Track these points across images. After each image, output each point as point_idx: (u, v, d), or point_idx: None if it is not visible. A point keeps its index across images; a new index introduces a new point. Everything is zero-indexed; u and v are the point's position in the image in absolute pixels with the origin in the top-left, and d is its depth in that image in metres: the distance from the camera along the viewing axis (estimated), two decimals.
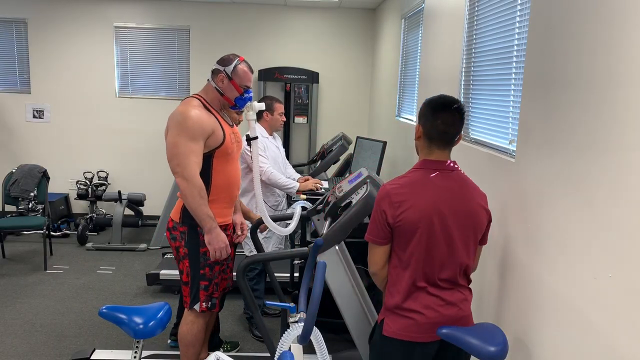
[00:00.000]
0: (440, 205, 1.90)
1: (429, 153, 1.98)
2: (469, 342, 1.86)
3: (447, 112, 1.93)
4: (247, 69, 2.69)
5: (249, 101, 2.68)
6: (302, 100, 6.71)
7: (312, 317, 1.76)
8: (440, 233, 1.90)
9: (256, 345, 3.69)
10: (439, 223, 1.89)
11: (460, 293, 1.99)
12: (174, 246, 2.73)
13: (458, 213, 1.92)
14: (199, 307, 2.72)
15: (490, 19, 2.59)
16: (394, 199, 1.90)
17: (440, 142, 1.95)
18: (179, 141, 2.51)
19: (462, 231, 1.93)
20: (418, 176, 1.96)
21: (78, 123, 6.63)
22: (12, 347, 3.57)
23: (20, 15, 6.44)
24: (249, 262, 2.54)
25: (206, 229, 2.58)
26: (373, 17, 6.66)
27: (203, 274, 2.69)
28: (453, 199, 1.92)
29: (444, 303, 1.94)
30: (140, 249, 5.72)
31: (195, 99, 2.65)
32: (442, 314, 1.93)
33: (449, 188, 1.93)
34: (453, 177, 1.96)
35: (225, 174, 2.68)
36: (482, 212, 1.98)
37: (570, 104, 1.71)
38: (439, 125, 1.93)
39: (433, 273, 1.93)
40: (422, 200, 1.90)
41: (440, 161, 1.96)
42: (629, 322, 1.38)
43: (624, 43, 1.43)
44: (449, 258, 1.93)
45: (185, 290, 2.76)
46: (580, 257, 1.62)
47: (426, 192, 1.91)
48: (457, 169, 1.99)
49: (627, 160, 1.40)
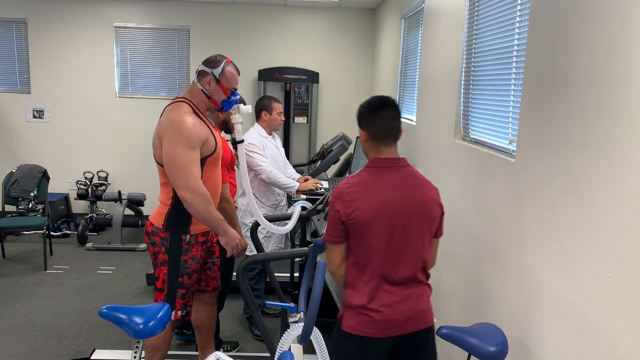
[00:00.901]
0: (392, 202, 1.96)
1: (378, 152, 2.04)
2: (469, 342, 1.86)
3: (386, 108, 2.02)
4: (235, 70, 2.62)
5: (236, 104, 2.62)
6: (302, 100, 6.71)
7: (312, 317, 1.76)
8: (394, 229, 1.95)
9: (256, 345, 3.69)
10: (392, 219, 1.95)
11: (418, 289, 2.03)
12: (152, 251, 2.65)
13: (410, 208, 1.97)
14: (174, 316, 2.62)
15: (490, 19, 2.59)
16: (346, 198, 1.96)
17: (387, 138, 2.02)
18: (179, 152, 2.44)
19: (416, 226, 1.98)
20: (370, 174, 2.02)
21: (78, 123, 6.62)
22: (12, 347, 3.57)
23: (20, 15, 6.44)
24: (249, 262, 2.54)
25: (221, 231, 2.56)
26: (373, 17, 6.66)
27: (181, 282, 2.62)
28: (405, 195, 1.98)
29: (401, 300, 1.98)
30: (140, 249, 5.72)
31: (184, 104, 2.55)
32: (399, 311, 1.97)
33: (401, 184, 2.00)
34: (404, 173, 2.03)
35: (212, 180, 2.63)
36: (434, 205, 2.04)
37: (570, 104, 1.71)
38: (382, 123, 2.01)
39: (389, 270, 1.97)
40: (374, 198, 1.95)
41: (391, 158, 2.03)
42: (629, 322, 1.38)
43: (624, 43, 1.43)
44: (405, 254, 1.98)
45: (159, 297, 2.65)
46: (580, 257, 1.62)
47: (378, 190, 1.97)
48: (407, 165, 2.06)
49: (627, 160, 1.40)
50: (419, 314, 2.00)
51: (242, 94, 3.07)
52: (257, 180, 3.78)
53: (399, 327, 1.98)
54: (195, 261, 2.64)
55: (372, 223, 1.93)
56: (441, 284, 3.06)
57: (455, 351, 2.64)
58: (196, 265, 2.66)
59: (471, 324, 2.10)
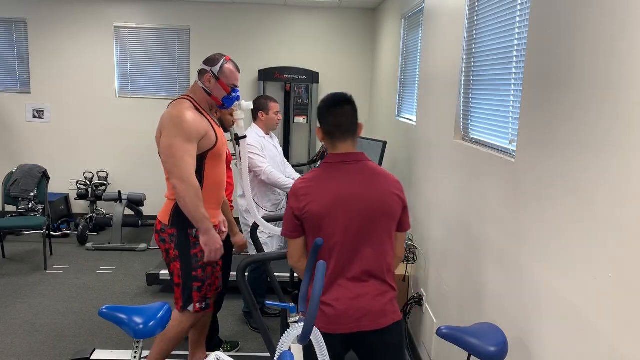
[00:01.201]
0: (344, 196, 1.98)
1: (333, 148, 2.09)
2: (468, 342, 1.86)
3: (339, 105, 2.08)
4: (234, 68, 2.67)
5: (237, 100, 2.68)
6: (302, 100, 6.71)
7: (312, 317, 1.76)
8: (349, 223, 1.97)
9: (256, 345, 3.69)
10: (345, 213, 1.97)
11: (376, 288, 2.01)
12: (164, 248, 2.70)
13: (364, 202, 1.98)
14: (193, 308, 2.70)
15: (490, 19, 2.59)
16: (299, 193, 2.02)
17: (339, 134, 2.06)
18: (175, 143, 2.50)
19: (371, 220, 1.99)
20: (324, 170, 2.07)
21: (78, 123, 6.63)
22: (12, 347, 3.57)
23: (20, 15, 6.44)
24: (249, 262, 2.54)
25: (203, 229, 2.57)
26: (373, 17, 6.66)
27: (195, 275, 2.67)
28: (359, 189, 2.00)
29: (355, 296, 1.98)
30: (140, 249, 5.73)
31: (186, 101, 2.63)
32: (350, 307, 1.96)
33: (354, 179, 2.02)
34: (359, 168, 2.05)
35: (214, 175, 2.68)
36: (393, 199, 2.03)
37: (570, 103, 1.71)
38: (334, 120, 2.06)
39: (344, 264, 1.97)
40: (325, 193, 1.99)
41: (345, 153, 2.06)
42: (629, 322, 1.38)
43: (625, 43, 1.43)
44: (361, 249, 1.98)
45: (177, 292, 2.73)
46: (580, 257, 1.62)
47: (330, 185, 2.01)
48: (364, 160, 2.08)
49: (628, 160, 1.40)
50: (373, 314, 1.98)
51: (242, 94, 3.08)
52: (257, 180, 3.78)
53: (349, 324, 1.97)
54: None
55: (324, 217, 1.97)
56: (441, 284, 3.06)
57: (455, 351, 2.64)
58: None
59: (471, 324, 2.10)
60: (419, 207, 3.68)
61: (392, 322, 2.03)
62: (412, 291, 3.68)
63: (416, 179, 3.82)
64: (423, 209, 3.57)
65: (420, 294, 3.45)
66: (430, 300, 3.28)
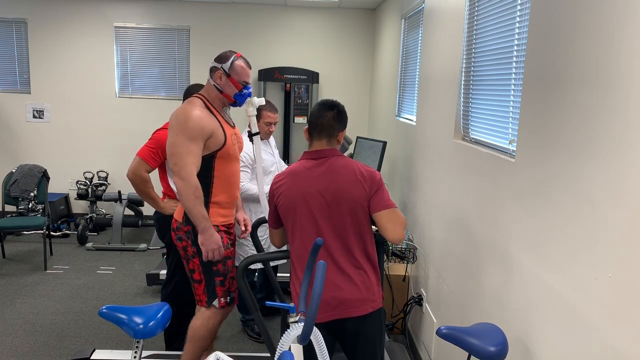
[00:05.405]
0: (311, 189, 2.14)
1: (310, 146, 2.27)
2: (468, 342, 1.86)
3: (322, 109, 2.23)
4: (245, 64, 2.67)
5: (249, 97, 2.69)
6: (302, 100, 6.71)
7: (312, 317, 1.76)
8: (318, 215, 2.12)
9: (256, 346, 3.69)
10: (312, 205, 2.13)
11: (353, 276, 2.11)
12: (181, 246, 2.71)
13: (329, 194, 2.13)
14: (218, 303, 2.71)
15: (490, 19, 2.59)
16: (273, 187, 2.25)
17: (316, 133, 2.23)
18: (178, 141, 2.51)
19: (337, 211, 2.12)
20: (297, 165, 2.23)
21: (78, 123, 6.63)
22: (12, 347, 3.57)
23: (20, 15, 6.44)
24: (249, 262, 2.54)
25: (200, 229, 2.57)
26: (373, 17, 6.66)
27: (217, 270, 2.69)
28: (325, 183, 2.14)
29: (333, 285, 2.09)
30: (140, 249, 5.73)
31: (197, 99, 2.64)
32: (329, 296, 2.08)
33: (322, 173, 2.16)
34: (328, 163, 2.18)
35: (226, 175, 2.68)
36: (354, 186, 2.13)
37: (570, 104, 1.71)
38: (313, 121, 2.24)
39: (319, 256, 2.08)
40: (295, 186, 2.16)
41: (317, 150, 2.22)
42: (629, 322, 1.38)
43: (625, 43, 1.43)
44: (334, 239, 2.11)
45: (199, 289, 2.72)
46: (580, 257, 1.62)
47: (300, 179, 2.17)
48: (335, 155, 2.21)
49: (627, 160, 1.40)
50: (351, 302, 2.09)
51: None
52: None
53: (328, 312, 2.08)
54: (225, 247, 2.68)
55: (292, 208, 2.16)
56: (441, 284, 3.06)
57: (455, 351, 2.64)
58: (227, 251, 2.70)
59: (471, 324, 2.10)
60: (419, 207, 3.68)
61: (372, 310, 2.13)
62: (412, 291, 3.68)
63: (416, 179, 3.82)
64: (423, 209, 3.57)
65: (420, 294, 3.45)
66: (430, 300, 3.29)
